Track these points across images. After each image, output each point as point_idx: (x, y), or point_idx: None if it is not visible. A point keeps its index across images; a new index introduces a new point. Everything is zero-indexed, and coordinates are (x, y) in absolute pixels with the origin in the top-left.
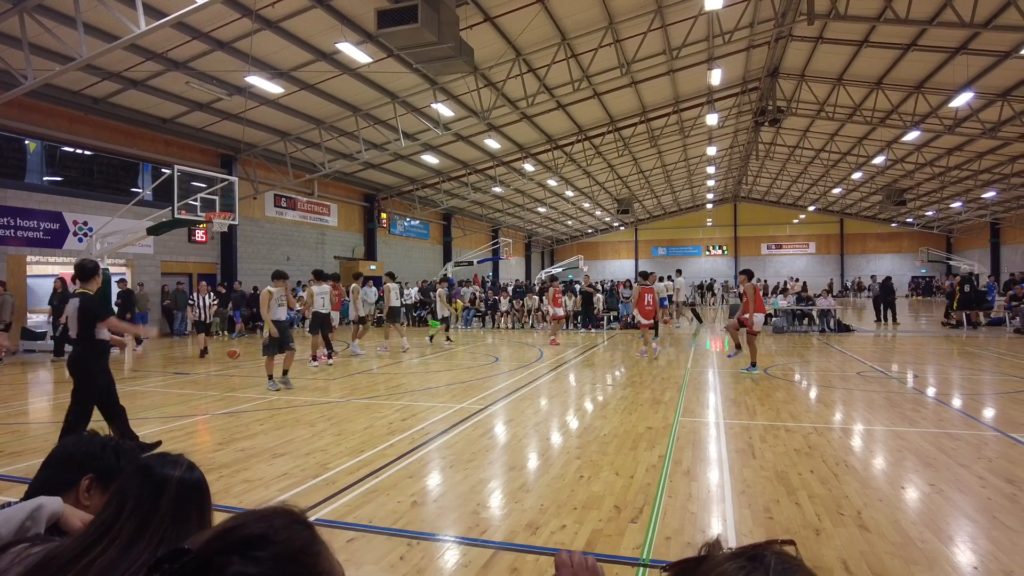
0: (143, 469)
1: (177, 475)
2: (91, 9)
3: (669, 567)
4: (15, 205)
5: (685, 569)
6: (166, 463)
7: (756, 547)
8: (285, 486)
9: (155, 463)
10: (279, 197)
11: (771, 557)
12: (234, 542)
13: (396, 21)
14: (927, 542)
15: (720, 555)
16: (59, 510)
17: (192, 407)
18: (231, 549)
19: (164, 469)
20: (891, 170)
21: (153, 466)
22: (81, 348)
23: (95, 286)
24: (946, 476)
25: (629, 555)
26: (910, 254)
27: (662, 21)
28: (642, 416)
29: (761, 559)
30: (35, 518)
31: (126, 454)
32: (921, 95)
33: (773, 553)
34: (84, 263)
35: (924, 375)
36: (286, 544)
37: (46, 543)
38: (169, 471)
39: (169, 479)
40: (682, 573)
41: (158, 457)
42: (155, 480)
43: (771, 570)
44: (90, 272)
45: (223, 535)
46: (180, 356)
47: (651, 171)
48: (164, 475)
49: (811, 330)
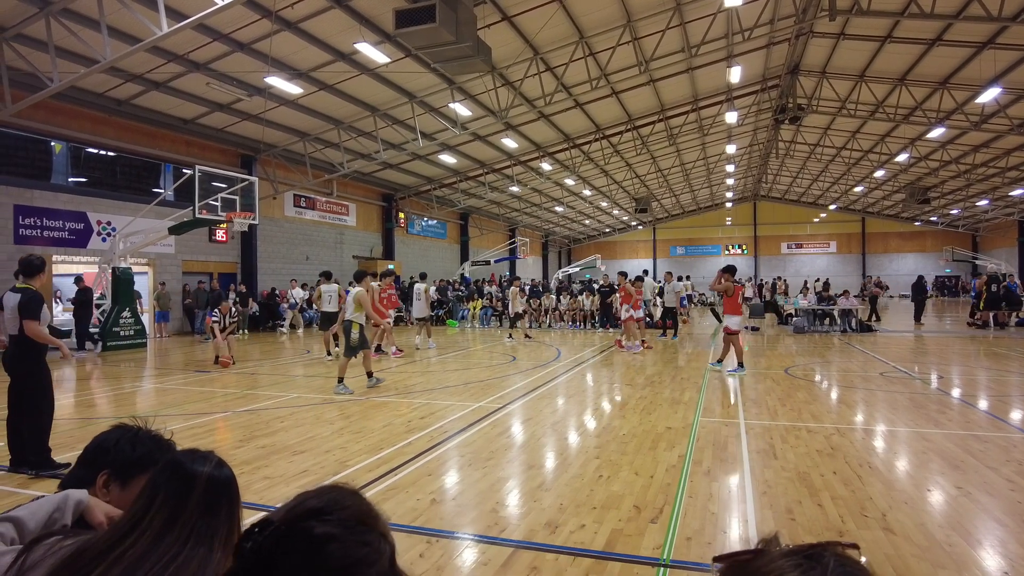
0: (173, 464)
1: (206, 471)
2: (115, 12)
3: (721, 558)
4: (41, 205)
5: (738, 562)
6: (196, 459)
7: (815, 546)
8: (305, 483)
9: (186, 459)
10: (298, 197)
11: (831, 558)
12: (307, 511)
13: (414, 21)
14: (955, 545)
15: (776, 551)
16: (85, 500)
17: (213, 405)
18: (308, 516)
19: (194, 465)
20: (915, 168)
21: (184, 462)
22: (17, 348)
23: (39, 283)
24: (974, 479)
25: (649, 555)
26: (934, 253)
27: (681, 19)
28: (662, 416)
29: (819, 559)
30: (62, 509)
31: (144, 442)
32: (946, 91)
33: (833, 555)
34: (31, 258)
35: (949, 376)
36: (352, 509)
37: (78, 536)
38: (199, 467)
39: (199, 475)
40: (735, 566)
41: (188, 453)
42: (184, 476)
43: (829, 571)
44: (36, 268)
45: (295, 507)
46: (201, 354)
47: (669, 170)
48: (194, 471)
49: (832, 330)
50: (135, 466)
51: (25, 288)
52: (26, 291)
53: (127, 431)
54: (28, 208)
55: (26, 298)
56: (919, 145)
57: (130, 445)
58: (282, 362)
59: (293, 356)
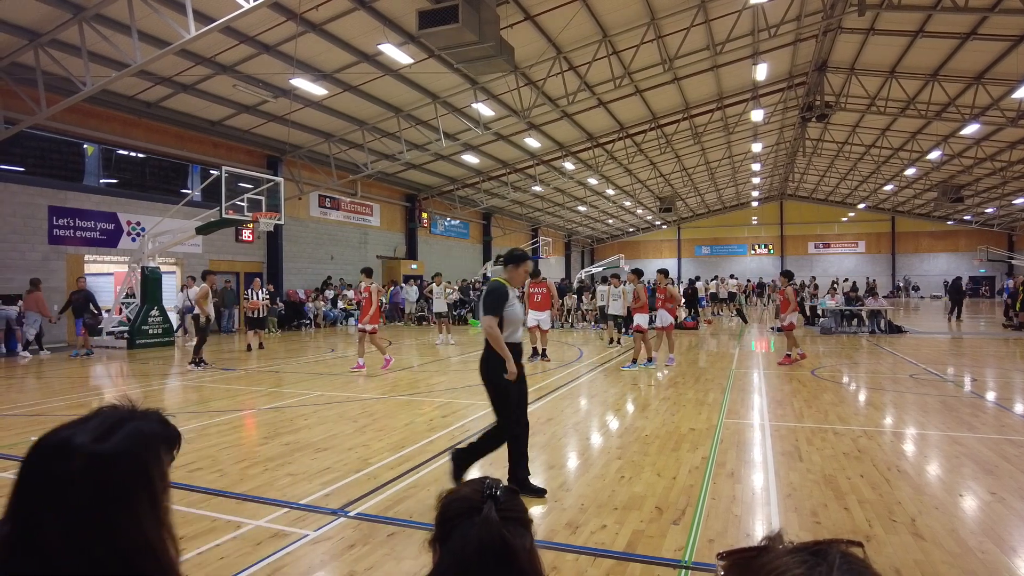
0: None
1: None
2: (145, 16)
3: (725, 555)
4: (74, 206)
5: (743, 559)
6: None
7: (820, 543)
8: (328, 480)
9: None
10: (323, 197)
11: (836, 555)
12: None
13: (437, 21)
14: (988, 552)
15: (780, 548)
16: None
17: (239, 402)
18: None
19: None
20: (947, 166)
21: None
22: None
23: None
24: (1009, 484)
25: (671, 557)
26: (967, 253)
27: (705, 16)
28: (685, 417)
29: (825, 556)
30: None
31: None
32: (981, 86)
33: (839, 552)
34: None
35: (983, 378)
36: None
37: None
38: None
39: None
40: (739, 563)
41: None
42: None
43: (835, 568)
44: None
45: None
46: (228, 352)
47: (694, 168)
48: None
49: (860, 331)
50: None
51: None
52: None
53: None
54: (62, 209)
55: None
56: (952, 142)
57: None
58: (290, 363)
59: (317, 354)
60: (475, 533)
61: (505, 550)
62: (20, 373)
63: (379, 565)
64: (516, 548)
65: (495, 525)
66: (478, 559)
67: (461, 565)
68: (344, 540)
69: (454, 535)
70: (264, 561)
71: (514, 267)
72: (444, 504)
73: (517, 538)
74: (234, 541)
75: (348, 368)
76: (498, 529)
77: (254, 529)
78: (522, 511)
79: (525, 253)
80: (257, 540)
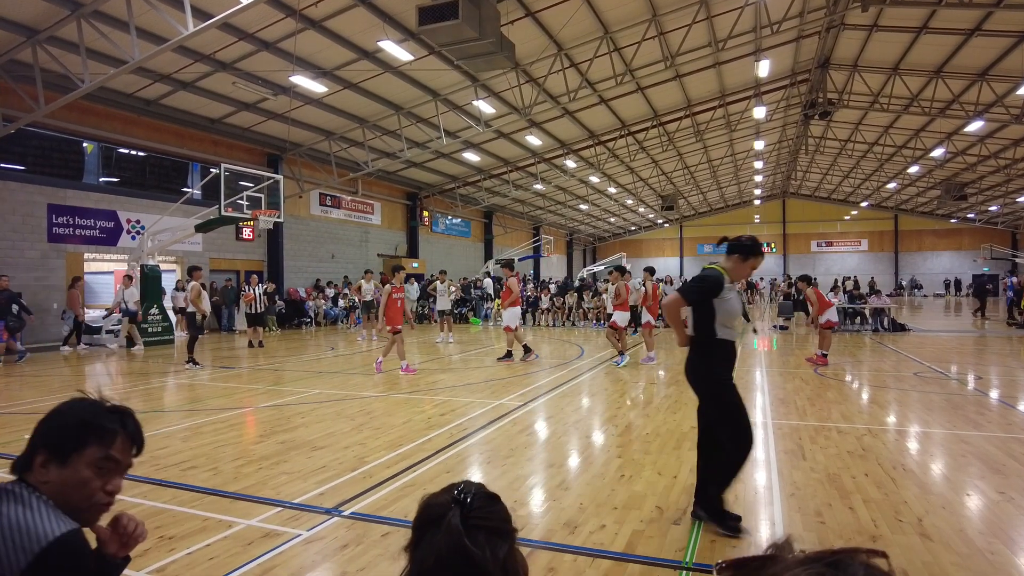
0: None
1: None
2: (143, 13)
3: (726, 565)
4: (74, 204)
5: (745, 570)
6: None
7: (838, 553)
8: (323, 478)
9: None
10: (324, 196)
11: (859, 568)
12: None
13: (437, 17)
14: (997, 553)
15: (790, 558)
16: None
17: (236, 400)
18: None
19: None
20: (951, 163)
21: None
22: None
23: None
24: (1017, 483)
25: (671, 558)
26: (971, 251)
27: (707, 12)
28: (686, 415)
29: (845, 568)
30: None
31: (75, 412)
32: (985, 83)
33: (860, 564)
34: None
35: (988, 376)
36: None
37: None
38: None
39: None
40: (742, 574)
41: None
42: None
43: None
44: None
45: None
46: (227, 351)
47: (696, 166)
48: None
49: (864, 329)
50: (72, 441)
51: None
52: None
53: (64, 405)
54: (61, 207)
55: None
56: (956, 140)
57: (57, 416)
58: (294, 362)
59: (316, 352)
60: (438, 541)
61: (466, 561)
62: (17, 372)
63: (372, 566)
64: (479, 560)
65: (456, 534)
66: (438, 570)
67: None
68: (337, 540)
69: (422, 543)
70: (255, 561)
71: (740, 258)
72: (419, 509)
73: (485, 548)
74: (225, 541)
75: (399, 371)
76: (459, 539)
77: (246, 529)
78: (498, 519)
79: (756, 242)
80: (248, 540)
